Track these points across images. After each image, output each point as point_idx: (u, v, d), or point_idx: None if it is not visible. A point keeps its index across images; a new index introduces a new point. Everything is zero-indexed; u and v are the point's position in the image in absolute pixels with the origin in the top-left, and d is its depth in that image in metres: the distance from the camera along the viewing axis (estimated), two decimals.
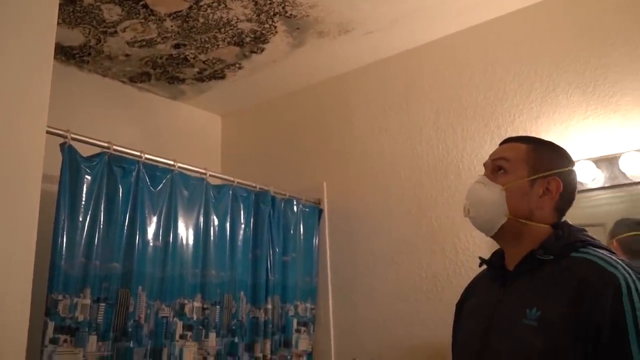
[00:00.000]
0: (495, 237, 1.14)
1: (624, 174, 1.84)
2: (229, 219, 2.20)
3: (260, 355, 2.20)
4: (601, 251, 1.01)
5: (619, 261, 0.97)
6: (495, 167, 1.16)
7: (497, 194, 1.11)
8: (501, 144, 1.21)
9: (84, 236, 1.69)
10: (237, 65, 2.65)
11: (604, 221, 1.86)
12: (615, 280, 0.93)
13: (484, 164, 1.21)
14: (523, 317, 1.00)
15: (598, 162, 1.89)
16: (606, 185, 1.88)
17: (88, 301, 1.65)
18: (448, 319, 1.30)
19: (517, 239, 1.10)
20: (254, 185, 2.37)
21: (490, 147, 2.07)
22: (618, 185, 1.86)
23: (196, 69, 2.67)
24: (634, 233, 1.81)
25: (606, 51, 1.98)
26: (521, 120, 2.13)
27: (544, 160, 1.13)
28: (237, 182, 2.29)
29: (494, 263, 1.18)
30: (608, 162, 1.88)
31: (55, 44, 1.56)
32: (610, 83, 1.95)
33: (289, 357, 2.33)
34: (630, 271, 0.94)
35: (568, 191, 1.12)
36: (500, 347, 1.03)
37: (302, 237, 2.52)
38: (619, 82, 1.93)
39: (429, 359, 2.13)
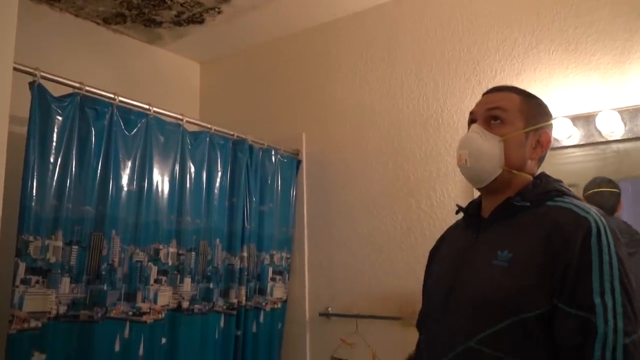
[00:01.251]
0: (484, 187, 1.13)
1: (599, 132, 1.86)
2: (205, 167, 2.17)
3: (235, 301, 2.23)
4: (576, 200, 1.04)
5: (592, 208, 1.00)
6: (489, 117, 1.12)
7: (495, 144, 1.09)
8: (489, 92, 1.18)
9: (55, 178, 1.65)
10: (216, 10, 2.56)
11: (577, 182, 1.88)
12: (587, 223, 0.96)
13: (474, 112, 1.16)
14: (493, 258, 1.02)
15: (575, 119, 1.91)
16: (581, 142, 1.90)
17: (60, 243, 1.63)
18: (420, 270, 1.31)
19: (505, 189, 1.10)
20: (232, 133, 2.34)
21: (471, 101, 2.06)
22: (593, 143, 1.88)
23: (174, 12, 2.57)
24: (599, 189, 1.85)
25: (588, 9, 1.96)
26: (502, 76, 2.12)
27: (536, 113, 1.13)
28: (215, 130, 2.25)
29: (470, 211, 1.19)
30: (585, 120, 1.90)
31: None
32: (591, 42, 1.95)
33: (263, 303, 2.37)
34: (602, 218, 0.97)
35: (550, 144, 1.15)
36: (468, 287, 1.05)
37: (279, 187, 2.52)
38: (600, 41, 1.93)
39: (400, 308, 2.18)
